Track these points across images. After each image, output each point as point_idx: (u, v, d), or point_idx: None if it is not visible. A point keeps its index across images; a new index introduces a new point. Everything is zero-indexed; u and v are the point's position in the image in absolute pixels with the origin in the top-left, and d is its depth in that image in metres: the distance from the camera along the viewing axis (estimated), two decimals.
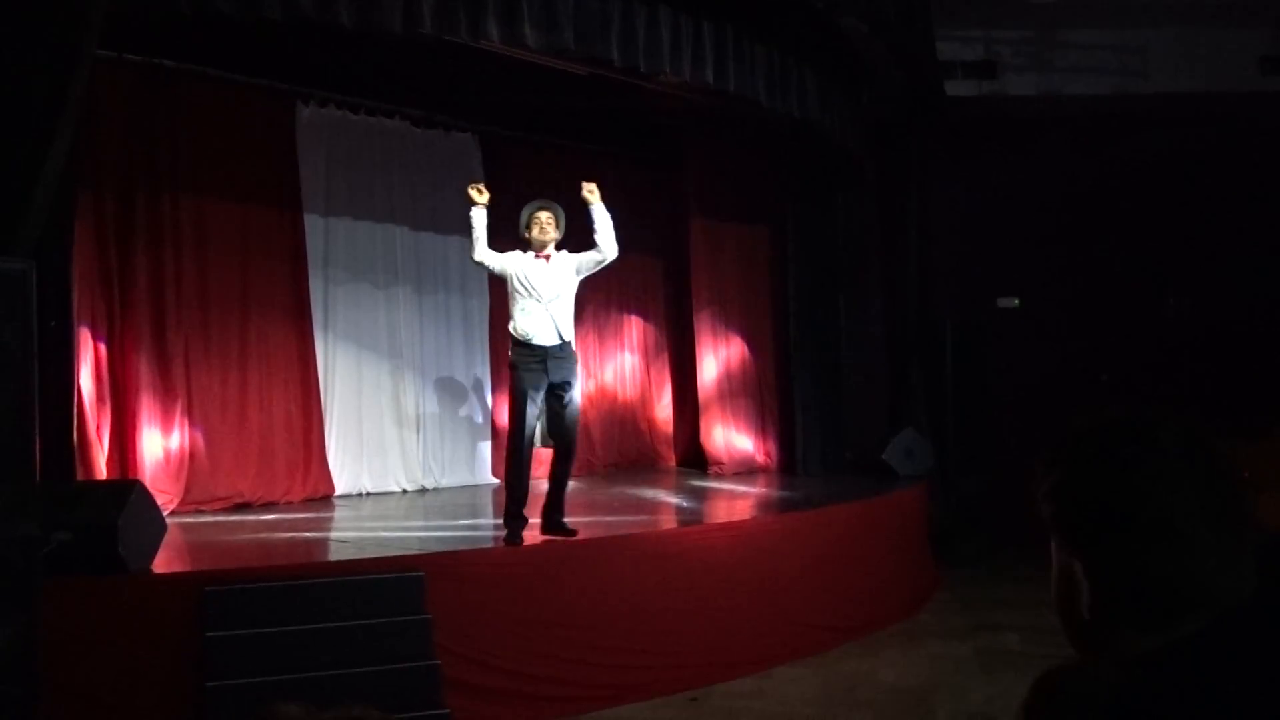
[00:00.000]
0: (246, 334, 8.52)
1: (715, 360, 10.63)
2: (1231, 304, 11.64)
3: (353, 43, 7.19)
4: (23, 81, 4.98)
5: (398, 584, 5.64)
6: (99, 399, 7.76)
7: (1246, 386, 11.00)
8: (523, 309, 6.34)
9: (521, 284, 6.38)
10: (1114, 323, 11.68)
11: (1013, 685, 5.89)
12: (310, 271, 8.92)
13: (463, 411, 10.09)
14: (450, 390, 9.98)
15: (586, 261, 6.57)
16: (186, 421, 8.09)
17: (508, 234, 10.18)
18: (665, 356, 11.59)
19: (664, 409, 11.57)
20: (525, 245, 6.55)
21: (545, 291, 6.36)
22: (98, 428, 7.69)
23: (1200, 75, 11.31)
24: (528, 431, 6.29)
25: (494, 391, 10.27)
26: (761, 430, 10.67)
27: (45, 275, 4.97)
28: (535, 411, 6.29)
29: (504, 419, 10.31)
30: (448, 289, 9.96)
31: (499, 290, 10.27)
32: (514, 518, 6.29)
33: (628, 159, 11.06)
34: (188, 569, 5.88)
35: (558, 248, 6.57)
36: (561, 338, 6.34)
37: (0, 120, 4.93)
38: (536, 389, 6.24)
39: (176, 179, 8.17)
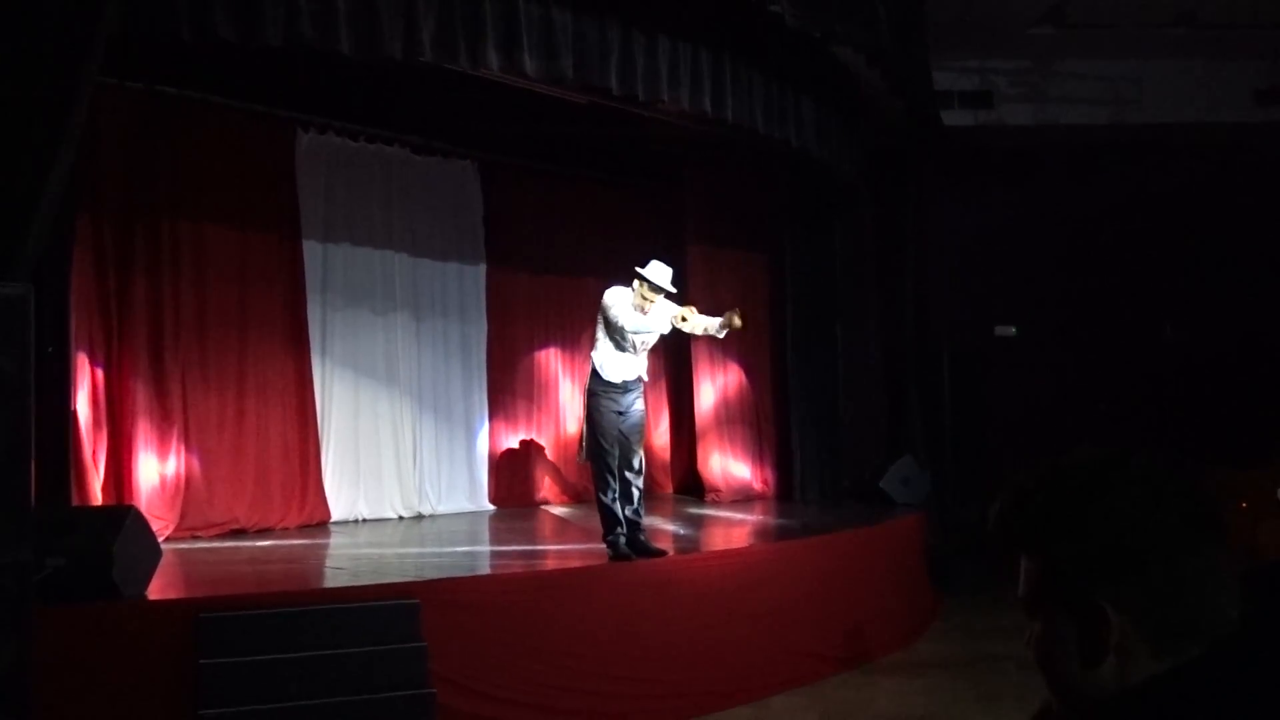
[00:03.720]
0: (244, 360, 8.52)
1: (712, 387, 10.63)
2: (1228, 333, 11.67)
3: (353, 70, 7.23)
4: (23, 106, 5.00)
5: (393, 611, 5.61)
6: (95, 424, 7.74)
7: (1243, 415, 11.01)
8: (617, 356, 6.51)
9: (620, 332, 6.50)
10: (1111, 351, 11.70)
11: (1011, 715, 5.86)
12: (308, 297, 8.93)
13: (460, 438, 10.07)
14: (447, 417, 9.97)
15: (675, 322, 6.70)
16: (183, 447, 8.07)
17: (510, 259, 10.29)
18: (663, 383, 11.57)
19: (661, 436, 11.55)
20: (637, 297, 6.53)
21: (640, 342, 6.57)
22: (94, 453, 7.67)
23: (1195, 106, 11.40)
24: (613, 453, 6.43)
25: (491, 418, 10.27)
26: (759, 458, 10.66)
27: (43, 300, 4.99)
28: (615, 435, 6.46)
29: (500, 446, 10.35)
30: (445, 315, 9.97)
31: (496, 317, 10.33)
32: (614, 536, 6.45)
33: (626, 186, 11.10)
34: (182, 596, 5.85)
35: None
36: (641, 377, 6.60)
37: (0, 145, 4.95)
38: (619, 414, 6.46)
39: (176, 205, 8.19)
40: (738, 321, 6.52)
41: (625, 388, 6.51)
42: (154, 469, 7.93)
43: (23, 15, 5.02)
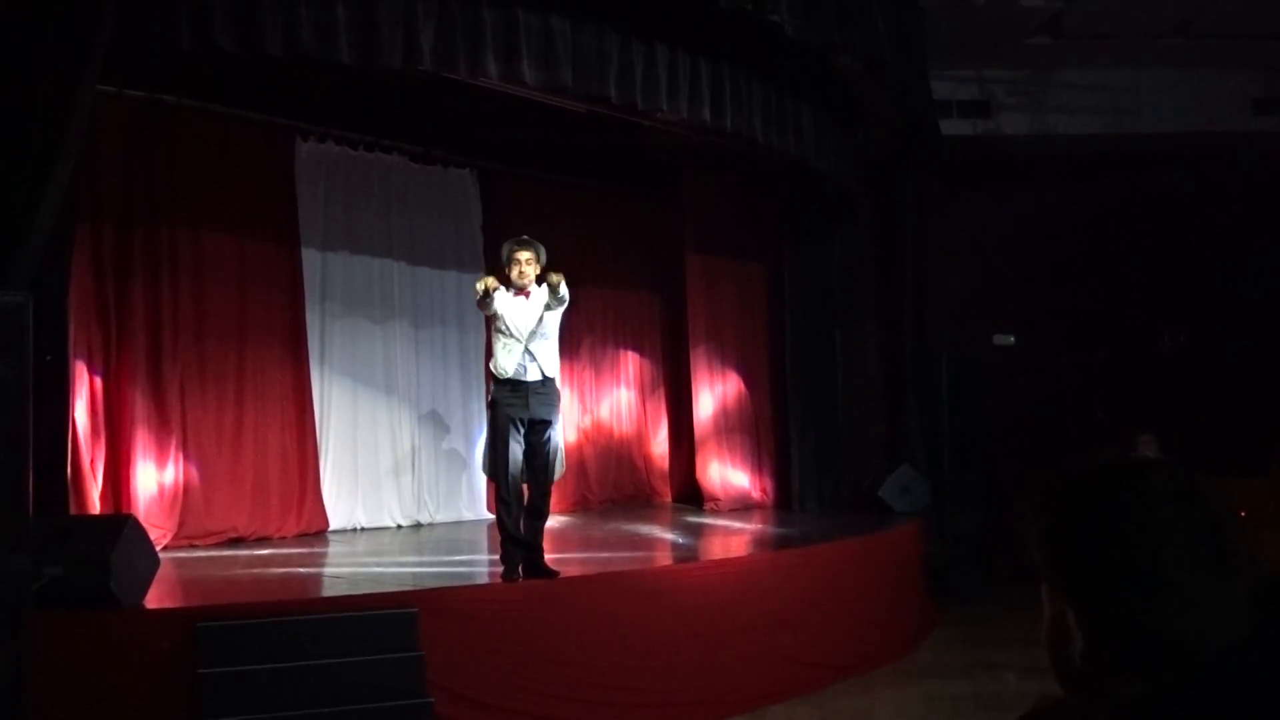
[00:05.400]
0: (243, 368, 8.51)
1: (711, 396, 10.62)
2: (1227, 340, 11.68)
3: (353, 79, 7.24)
4: (23, 115, 5.01)
5: (391, 620, 5.61)
6: (94, 432, 7.73)
7: (1243, 423, 11.01)
8: (503, 346, 6.27)
9: (502, 322, 6.31)
10: (1110, 359, 11.71)
11: None
12: (307, 306, 8.93)
13: (458, 447, 10.06)
14: (446, 425, 9.96)
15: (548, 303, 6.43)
16: (181, 455, 8.06)
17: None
18: (661, 392, 11.58)
19: (660, 444, 11.55)
20: (508, 282, 6.43)
21: (524, 328, 6.27)
22: (92, 461, 7.66)
23: (1193, 116, 11.43)
24: (513, 467, 6.23)
25: None
26: (758, 466, 10.65)
27: (42, 308, 4.99)
28: (519, 447, 6.22)
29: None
30: (444, 324, 9.97)
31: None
32: (510, 554, 6.24)
33: (625, 195, 11.11)
34: (180, 605, 5.85)
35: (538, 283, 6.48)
36: (543, 374, 6.27)
37: (0, 153, 4.95)
38: (518, 425, 6.19)
39: (175, 213, 8.18)
40: (553, 279, 6.23)
41: (528, 388, 6.18)
42: (152, 477, 7.92)
43: (23, 23, 5.03)
